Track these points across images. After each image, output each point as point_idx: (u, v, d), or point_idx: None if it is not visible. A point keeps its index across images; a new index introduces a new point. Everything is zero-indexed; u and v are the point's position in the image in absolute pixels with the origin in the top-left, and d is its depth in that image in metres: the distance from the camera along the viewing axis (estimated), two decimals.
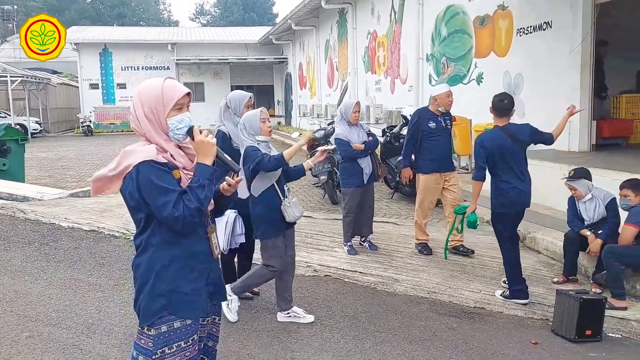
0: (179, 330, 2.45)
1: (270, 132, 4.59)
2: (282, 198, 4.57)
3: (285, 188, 4.69)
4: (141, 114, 2.44)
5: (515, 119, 10.16)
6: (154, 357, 2.43)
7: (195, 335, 2.52)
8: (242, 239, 4.93)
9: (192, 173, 2.45)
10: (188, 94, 2.51)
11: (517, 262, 5.29)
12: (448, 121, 6.56)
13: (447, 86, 6.68)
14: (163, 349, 2.43)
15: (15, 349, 4.13)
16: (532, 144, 5.47)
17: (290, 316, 4.73)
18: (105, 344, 4.26)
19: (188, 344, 2.48)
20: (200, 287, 2.52)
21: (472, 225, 5.55)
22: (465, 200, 6.63)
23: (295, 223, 4.74)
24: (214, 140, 2.47)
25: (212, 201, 2.58)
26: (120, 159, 2.42)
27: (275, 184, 4.56)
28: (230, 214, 4.84)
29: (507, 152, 5.19)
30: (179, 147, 2.51)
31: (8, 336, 4.34)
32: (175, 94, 2.45)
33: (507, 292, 5.33)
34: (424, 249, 6.64)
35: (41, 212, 8.27)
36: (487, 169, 5.29)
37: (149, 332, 2.45)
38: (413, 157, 6.74)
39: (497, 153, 5.20)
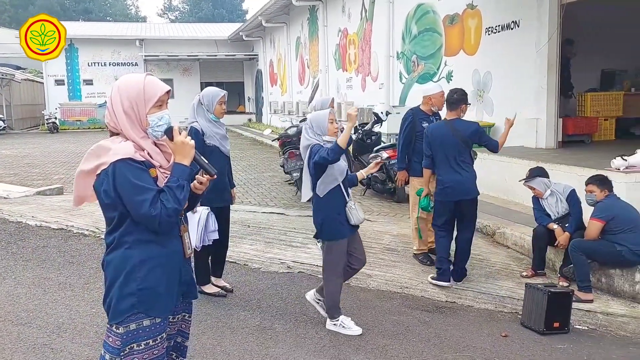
0: (148, 328, 2.45)
1: (336, 133, 4.52)
2: (347, 199, 4.50)
3: (350, 191, 4.60)
4: (120, 109, 2.42)
5: (484, 116, 10.37)
6: (121, 354, 2.43)
7: (164, 334, 2.53)
8: (215, 236, 4.91)
9: (168, 172, 2.45)
10: (168, 91, 2.51)
11: (442, 248, 5.62)
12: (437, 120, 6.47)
13: (440, 86, 6.62)
14: (132, 346, 2.43)
15: None
16: (477, 144, 5.68)
17: (336, 325, 4.55)
18: (76, 343, 4.22)
19: (156, 342, 2.48)
20: (172, 286, 2.52)
21: (425, 209, 5.88)
22: None
23: (358, 227, 4.64)
24: (193, 142, 2.47)
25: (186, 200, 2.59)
26: (95, 154, 2.40)
27: (341, 184, 4.47)
28: (203, 211, 4.81)
29: (447, 144, 5.50)
30: (156, 145, 2.51)
31: None
32: (157, 91, 2.45)
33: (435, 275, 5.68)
34: (426, 258, 6.29)
35: (7, 210, 8.12)
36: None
37: (117, 330, 2.44)
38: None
39: (437, 143, 5.56)
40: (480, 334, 4.58)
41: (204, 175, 2.61)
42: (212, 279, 5.36)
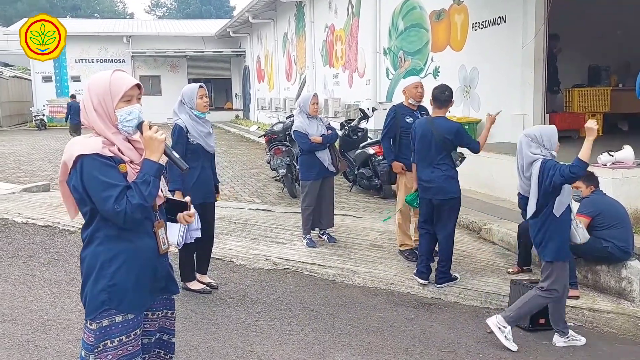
0: (121, 324, 2.45)
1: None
2: (573, 217, 4.38)
3: None
4: (90, 106, 2.43)
5: (471, 112, 10.39)
6: (95, 350, 2.42)
7: (138, 330, 2.52)
8: (198, 234, 4.89)
9: (139, 167, 2.43)
10: (138, 85, 2.49)
11: (421, 246, 5.65)
12: (425, 115, 6.33)
13: (417, 78, 6.54)
14: (105, 342, 2.43)
15: None
16: (458, 145, 5.49)
17: (569, 340, 4.43)
18: (61, 340, 4.20)
19: (130, 338, 2.47)
20: (144, 282, 2.51)
21: (410, 203, 5.86)
22: None
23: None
24: (163, 136, 2.45)
25: (161, 195, 2.56)
26: (66, 151, 2.41)
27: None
28: None
29: (425, 141, 5.44)
30: (128, 141, 2.49)
31: None
32: (123, 86, 2.43)
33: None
34: (411, 255, 6.22)
35: None
36: None
37: (91, 327, 2.44)
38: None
39: (417, 139, 5.52)
40: (466, 331, 4.58)
41: (189, 207, 2.65)
42: (197, 275, 5.34)
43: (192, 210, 2.72)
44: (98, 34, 33.06)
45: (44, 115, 29.73)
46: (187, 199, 2.71)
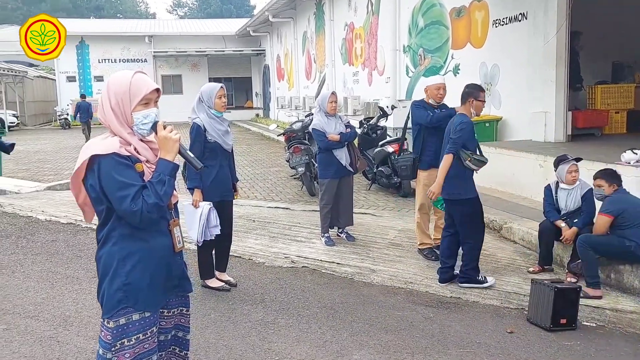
0: (137, 322, 2.47)
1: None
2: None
3: None
4: (107, 105, 2.44)
5: (492, 109, 10.30)
6: (112, 349, 2.44)
7: (154, 328, 2.53)
8: (217, 231, 4.92)
9: (155, 167, 2.45)
10: (157, 90, 2.49)
11: (441, 248, 5.59)
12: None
13: (441, 78, 6.46)
14: (122, 341, 2.45)
15: None
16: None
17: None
18: (82, 336, 4.25)
19: (146, 335, 2.49)
20: (159, 280, 2.52)
21: (435, 204, 5.77)
22: None
23: None
24: (178, 136, 2.45)
25: (175, 194, 2.57)
26: (83, 151, 2.41)
27: None
28: (205, 206, 4.84)
29: (446, 138, 5.38)
30: (143, 141, 2.50)
31: None
32: (142, 89, 2.44)
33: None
34: (430, 253, 6.20)
35: (18, 205, 8.19)
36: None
37: (108, 325, 2.46)
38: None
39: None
40: (485, 330, 4.53)
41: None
42: (216, 273, 5.37)
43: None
44: (120, 34, 33.46)
45: (68, 114, 30.14)
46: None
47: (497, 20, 10.17)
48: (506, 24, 9.91)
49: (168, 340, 2.69)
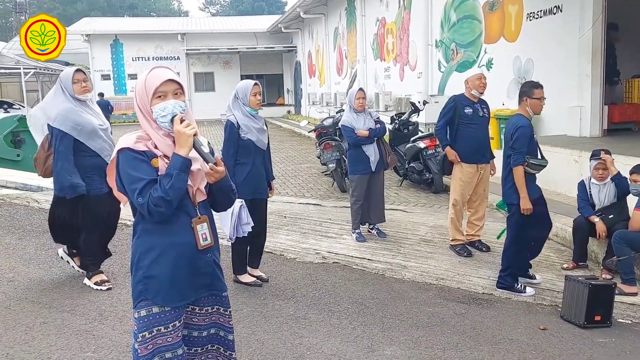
0: (158, 315, 2.51)
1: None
2: None
3: None
4: (135, 104, 2.54)
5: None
6: (137, 340, 2.51)
7: (177, 322, 2.55)
8: (249, 228, 4.94)
9: None
10: (173, 81, 2.49)
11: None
12: (485, 109, 6.22)
13: (480, 70, 6.49)
14: (144, 334, 2.50)
15: (29, 335, 4.20)
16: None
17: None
18: (117, 330, 4.32)
19: (168, 329, 2.52)
20: (181, 276, 2.52)
21: (500, 207, 5.70)
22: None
23: None
24: (193, 131, 2.43)
25: (203, 191, 2.58)
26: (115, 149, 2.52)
27: None
28: (236, 203, 4.80)
29: None
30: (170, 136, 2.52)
31: (23, 322, 4.42)
32: (154, 83, 2.47)
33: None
34: (463, 250, 6.17)
35: None
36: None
37: (135, 315, 2.54)
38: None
39: None
40: (518, 327, 4.49)
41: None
42: (249, 269, 5.41)
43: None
44: (154, 32, 33.86)
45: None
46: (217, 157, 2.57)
47: (531, 13, 10.01)
48: (540, 17, 9.75)
49: (203, 337, 2.71)
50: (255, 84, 5.10)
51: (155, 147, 2.47)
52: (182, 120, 2.44)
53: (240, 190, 4.97)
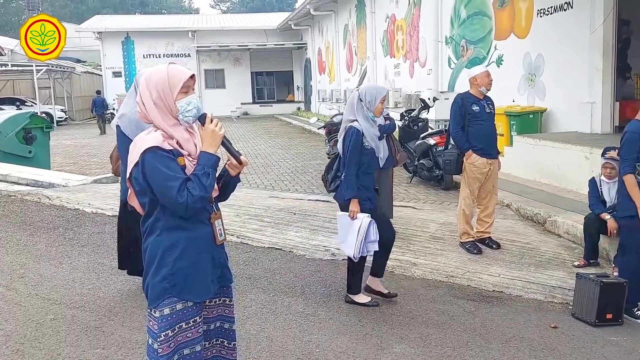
0: (181, 312, 2.52)
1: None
2: None
3: None
4: (149, 100, 2.49)
5: (536, 100, 10.10)
6: (158, 339, 2.49)
7: (198, 317, 2.58)
8: (376, 247, 4.59)
9: (195, 160, 2.49)
10: (192, 76, 2.54)
11: None
12: (490, 105, 6.21)
13: (485, 67, 6.46)
14: (166, 332, 2.50)
15: (40, 331, 4.22)
16: None
17: None
18: (126, 327, 4.33)
19: (189, 325, 2.54)
20: (203, 270, 2.56)
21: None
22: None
23: None
24: (223, 131, 2.50)
25: (216, 188, 2.61)
26: (131, 150, 2.49)
27: None
28: (365, 219, 4.49)
29: None
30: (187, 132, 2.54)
31: (33, 318, 4.44)
32: (181, 77, 2.48)
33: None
34: (472, 247, 6.10)
35: (66, 198, 8.39)
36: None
37: (154, 314, 2.52)
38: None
39: None
40: (528, 325, 4.46)
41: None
42: (370, 278, 4.93)
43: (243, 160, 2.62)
44: (165, 29, 34.02)
45: (114, 109, 30.79)
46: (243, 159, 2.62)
47: (541, 9, 9.95)
48: (551, 13, 9.69)
49: (212, 331, 2.73)
50: (387, 91, 4.77)
51: (179, 144, 2.48)
52: (212, 120, 2.48)
53: (363, 205, 4.59)
